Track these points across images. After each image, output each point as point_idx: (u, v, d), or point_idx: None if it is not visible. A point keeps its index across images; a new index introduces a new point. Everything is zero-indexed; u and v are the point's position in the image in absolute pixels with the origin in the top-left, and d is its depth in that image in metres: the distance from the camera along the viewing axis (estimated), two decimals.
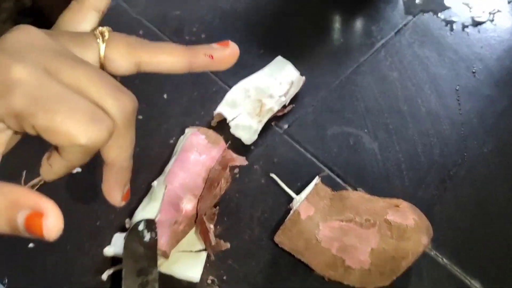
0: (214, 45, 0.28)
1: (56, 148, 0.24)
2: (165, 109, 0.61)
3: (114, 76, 0.26)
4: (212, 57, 0.28)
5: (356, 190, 0.52)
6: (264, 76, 0.60)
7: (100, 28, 0.27)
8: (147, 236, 0.42)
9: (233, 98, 0.58)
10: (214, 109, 0.59)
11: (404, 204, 0.44)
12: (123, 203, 0.27)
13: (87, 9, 0.29)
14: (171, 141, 0.58)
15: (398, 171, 0.53)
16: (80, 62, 0.24)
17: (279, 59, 0.61)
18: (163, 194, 0.46)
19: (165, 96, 0.62)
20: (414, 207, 0.45)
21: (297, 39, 0.66)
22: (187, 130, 0.52)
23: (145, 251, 0.42)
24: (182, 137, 0.53)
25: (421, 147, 0.55)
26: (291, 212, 0.44)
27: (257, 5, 0.69)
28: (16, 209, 0.21)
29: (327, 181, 0.52)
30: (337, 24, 0.67)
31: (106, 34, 0.26)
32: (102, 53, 0.26)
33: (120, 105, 0.23)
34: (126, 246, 0.42)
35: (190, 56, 0.27)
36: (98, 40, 0.26)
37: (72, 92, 0.22)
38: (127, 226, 0.52)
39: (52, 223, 0.21)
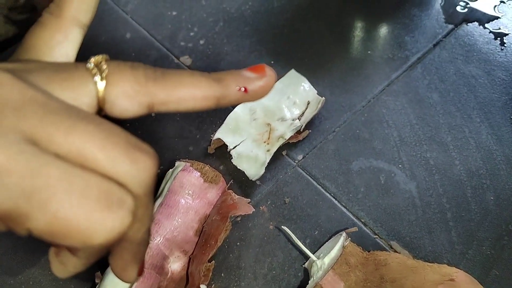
0: (247, 73, 0.23)
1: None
2: (152, 130, 0.50)
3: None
4: (246, 90, 0.22)
5: (390, 245, 0.40)
6: (275, 93, 0.49)
7: (95, 58, 0.21)
8: None
9: (236, 121, 0.47)
10: (212, 131, 0.49)
11: (461, 276, 0.33)
12: (138, 279, 0.23)
13: (68, 24, 0.23)
14: (158, 171, 0.46)
15: (442, 221, 0.42)
16: (76, 118, 0.18)
17: (293, 73, 0.50)
18: None
19: (152, 113, 0.51)
20: (474, 280, 0.34)
21: (315, 50, 0.55)
22: (177, 164, 0.41)
23: None
24: (170, 171, 0.42)
25: (471, 191, 0.44)
26: (310, 283, 0.33)
27: (268, 8, 0.58)
28: None
29: (353, 235, 0.41)
30: (363, 32, 0.56)
31: (104, 66, 0.20)
32: (101, 94, 0.20)
33: (139, 169, 0.18)
34: None
35: (220, 90, 0.22)
36: (95, 77, 0.20)
37: (75, 168, 0.17)
38: (96, 281, 0.41)
39: None
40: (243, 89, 0.22)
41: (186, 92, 0.21)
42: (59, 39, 0.23)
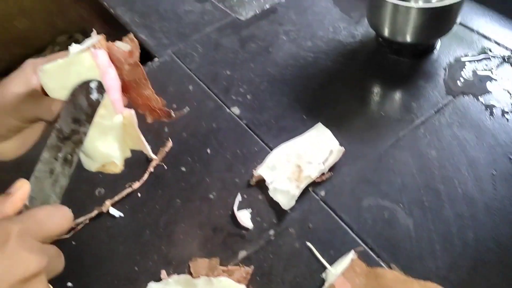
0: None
1: None
2: (208, 164, 0.64)
3: None
4: None
5: (390, 266, 0.52)
6: (305, 142, 0.63)
7: None
8: (95, 96, 0.42)
9: (273, 162, 0.61)
10: (254, 167, 0.62)
11: None
12: None
13: None
14: (211, 196, 0.60)
15: (431, 251, 0.54)
16: None
17: (320, 126, 0.64)
18: None
19: (208, 151, 0.65)
20: None
21: (339, 109, 0.69)
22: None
23: (87, 107, 0.42)
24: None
25: (456, 229, 0.56)
26: (326, 284, 0.45)
27: (304, 74, 0.73)
28: None
29: (360, 254, 0.53)
30: (378, 97, 0.70)
31: None
32: None
33: None
34: (73, 93, 0.41)
35: None
36: None
37: None
38: (161, 276, 0.54)
39: None
40: None
41: None
42: None
